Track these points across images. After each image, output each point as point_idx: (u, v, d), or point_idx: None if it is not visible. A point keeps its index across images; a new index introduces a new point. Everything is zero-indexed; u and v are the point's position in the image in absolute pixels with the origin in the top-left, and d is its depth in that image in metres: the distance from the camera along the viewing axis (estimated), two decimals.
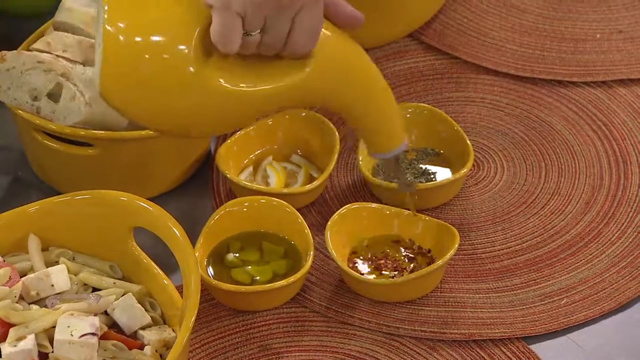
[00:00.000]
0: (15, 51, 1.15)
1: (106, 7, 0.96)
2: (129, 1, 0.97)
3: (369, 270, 1.12)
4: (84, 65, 1.14)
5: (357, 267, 1.12)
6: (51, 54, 1.15)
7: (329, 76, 1.01)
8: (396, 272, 1.11)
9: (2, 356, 0.97)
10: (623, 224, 1.16)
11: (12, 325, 0.99)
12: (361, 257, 1.13)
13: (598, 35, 1.33)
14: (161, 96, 0.97)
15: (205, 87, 0.97)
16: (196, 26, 0.96)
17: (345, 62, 1.02)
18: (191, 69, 0.96)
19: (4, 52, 1.14)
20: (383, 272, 1.11)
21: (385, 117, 1.05)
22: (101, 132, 1.12)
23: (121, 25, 0.96)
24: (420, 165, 1.20)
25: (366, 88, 1.03)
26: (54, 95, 1.13)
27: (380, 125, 1.05)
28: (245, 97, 0.98)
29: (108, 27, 0.95)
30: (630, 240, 1.14)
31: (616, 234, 1.15)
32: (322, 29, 0.99)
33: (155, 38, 0.96)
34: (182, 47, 0.96)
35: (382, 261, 1.12)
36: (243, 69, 0.98)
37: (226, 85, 0.97)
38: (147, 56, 0.95)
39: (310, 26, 0.97)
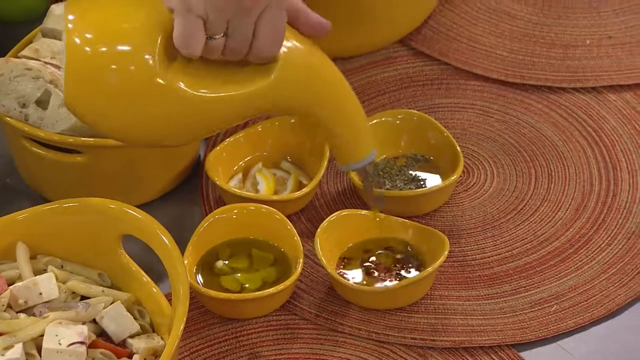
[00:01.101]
0: (3, 58, 1.14)
1: (70, 17, 0.96)
2: (93, 11, 0.97)
3: (359, 276, 1.11)
4: None
5: (346, 274, 1.11)
6: (39, 60, 1.14)
7: (295, 83, 1.01)
8: (386, 279, 1.10)
9: None
10: (613, 230, 1.15)
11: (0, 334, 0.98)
12: (351, 264, 1.12)
13: (588, 42, 1.32)
14: (125, 105, 0.97)
15: (169, 94, 0.97)
16: (160, 32, 0.96)
17: (311, 69, 1.01)
18: (155, 76, 0.96)
19: None
20: (373, 278, 1.11)
21: (351, 125, 1.05)
22: (90, 139, 1.11)
23: (84, 35, 0.96)
24: (410, 172, 1.19)
25: (332, 96, 1.03)
26: (42, 102, 1.12)
27: (347, 134, 1.05)
28: (210, 103, 0.98)
29: (72, 38, 0.95)
30: (620, 246, 1.14)
31: (606, 241, 1.15)
32: (288, 37, 0.99)
33: (118, 47, 0.96)
34: (146, 54, 0.96)
35: (373, 267, 1.11)
36: (208, 74, 0.98)
37: (190, 90, 0.97)
38: (110, 66, 0.96)
39: (274, 29, 0.97)
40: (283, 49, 0.99)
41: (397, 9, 1.29)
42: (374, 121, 1.20)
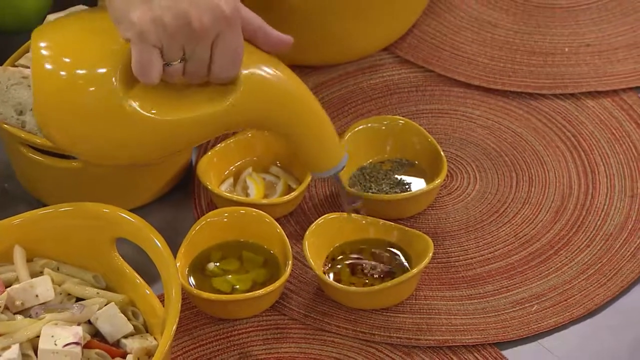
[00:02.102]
0: (0, 67, 1.13)
1: (39, 44, 0.98)
2: (59, 41, 0.98)
3: (346, 277, 1.10)
4: None
5: (334, 275, 1.10)
6: None
7: (257, 101, 1.00)
8: (372, 280, 1.10)
9: None
10: (591, 232, 1.15)
11: None
12: (338, 265, 1.11)
13: (567, 49, 1.32)
14: (91, 130, 0.99)
15: (131, 118, 0.98)
16: (120, 59, 0.97)
17: (272, 87, 1.01)
18: (116, 101, 0.97)
19: None
20: (360, 279, 1.10)
21: (318, 138, 1.04)
22: None
23: (49, 60, 0.97)
24: (396, 176, 1.19)
25: (295, 111, 1.03)
26: None
27: (315, 147, 1.05)
28: (172, 125, 0.98)
29: (37, 62, 0.97)
30: (598, 248, 1.14)
31: (585, 242, 1.14)
32: (249, 55, 0.98)
33: (81, 74, 0.97)
34: (107, 81, 0.96)
35: (359, 268, 1.11)
36: (170, 97, 0.99)
37: (151, 115, 0.98)
38: (73, 92, 0.97)
39: (230, 52, 0.97)
40: (243, 70, 0.99)
41: (382, 17, 1.29)
42: (360, 127, 1.20)
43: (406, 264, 1.11)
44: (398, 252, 1.12)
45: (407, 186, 1.18)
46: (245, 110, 1.00)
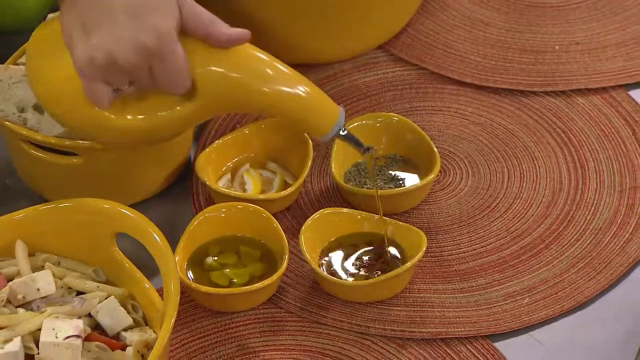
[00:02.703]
0: (2, 65, 1.13)
1: (28, 66, 1.04)
2: (45, 50, 1.02)
3: (341, 271, 1.10)
4: None
5: (329, 269, 1.10)
6: None
7: (222, 96, 1.00)
8: (367, 273, 1.10)
9: None
10: (581, 226, 1.15)
11: None
12: (333, 259, 1.11)
13: (557, 47, 1.31)
14: (82, 129, 1.04)
15: (105, 123, 1.02)
16: None
17: (233, 79, 1.00)
18: (90, 111, 1.01)
19: None
20: (355, 272, 1.10)
21: (302, 108, 1.02)
22: (85, 142, 1.10)
23: (36, 80, 1.04)
24: (390, 172, 1.18)
25: (266, 94, 1.00)
26: (39, 107, 1.11)
27: (302, 116, 1.02)
28: (148, 126, 1.01)
29: (28, 73, 1.04)
30: (588, 242, 1.13)
31: (575, 236, 1.14)
32: (201, 56, 0.98)
33: (62, 91, 1.02)
34: (80, 95, 1.00)
35: (354, 262, 1.11)
36: (140, 103, 1.01)
37: (122, 122, 1.01)
38: (59, 105, 1.03)
39: (170, 74, 0.97)
40: (198, 72, 0.98)
41: (377, 16, 1.28)
42: (355, 124, 1.19)
43: (400, 257, 1.11)
44: (392, 246, 1.12)
45: (401, 182, 1.17)
46: (212, 106, 1.01)
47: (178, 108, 1.01)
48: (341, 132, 1.04)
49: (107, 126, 1.02)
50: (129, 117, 1.01)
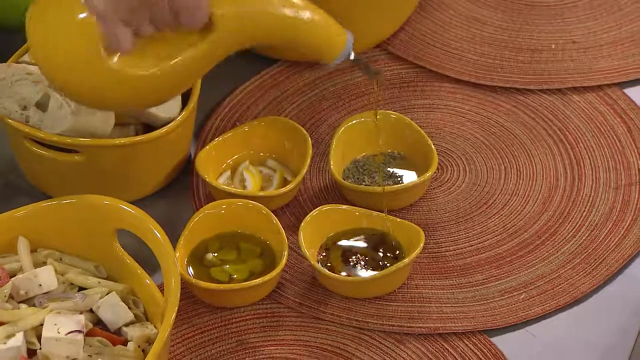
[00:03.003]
0: (5, 64, 1.13)
1: (31, 23, 0.98)
2: (48, 17, 0.98)
3: (340, 267, 1.10)
4: None
5: (328, 265, 1.10)
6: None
7: (237, 30, 1.00)
8: (365, 269, 1.09)
9: None
10: (577, 222, 1.15)
11: (2, 323, 0.97)
12: (332, 255, 1.11)
13: (553, 46, 1.31)
14: (93, 96, 0.99)
15: (125, 80, 0.98)
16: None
17: (246, 13, 1.00)
18: (107, 68, 0.97)
19: None
20: (353, 268, 1.10)
21: (312, 35, 1.03)
22: (86, 139, 1.10)
23: (41, 33, 0.98)
24: (388, 169, 1.18)
25: (280, 23, 1.02)
26: (42, 105, 1.11)
27: (313, 43, 1.04)
28: (167, 75, 0.99)
29: (32, 39, 0.98)
30: (584, 238, 1.13)
31: (571, 232, 1.14)
32: None
33: (70, 48, 0.97)
34: (93, 51, 0.96)
35: (353, 258, 1.11)
36: (155, 50, 0.98)
37: (142, 72, 0.98)
38: (66, 66, 0.97)
39: (187, 4, 0.96)
40: (217, 5, 0.98)
41: (376, 16, 1.28)
42: (354, 121, 1.19)
43: (398, 253, 1.11)
44: (390, 242, 1.11)
45: (399, 178, 1.17)
46: (228, 41, 1.00)
47: (192, 49, 0.99)
48: (350, 57, 1.05)
49: (121, 80, 0.98)
50: (145, 66, 0.98)
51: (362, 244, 1.12)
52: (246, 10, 1.00)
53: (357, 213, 1.13)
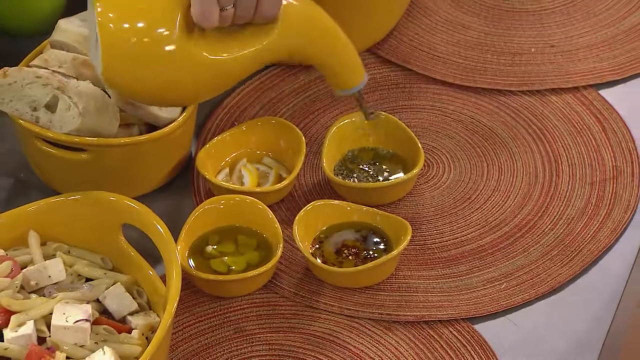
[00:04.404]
0: (16, 67, 1.12)
1: (98, 6, 0.99)
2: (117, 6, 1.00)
3: (332, 258, 1.10)
4: (77, 80, 1.12)
5: (321, 256, 1.10)
6: (48, 69, 1.12)
7: (295, 34, 1.05)
8: (356, 260, 1.09)
9: (5, 341, 0.95)
10: (555, 216, 1.15)
11: (13, 312, 0.97)
12: (325, 247, 1.11)
13: (533, 50, 1.31)
14: (157, 74, 1.01)
15: (194, 62, 1.01)
16: (179, 9, 1.00)
17: (307, 20, 1.06)
18: (180, 47, 1.00)
19: (6, 68, 1.11)
20: (344, 260, 1.10)
21: (345, 60, 1.11)
22: (93, 138, 1.10)
23: (112, 17, 0.99)
24: (377, 166, 1.18)
25: (327, 38, 1.08)
26: (51, 106, 1.11)
27: (342, 67, 1.11)
28: (229, 64, 1.03)
29: (102, 21, 0.99)
30: (561, 231, 1.13)
31: (549, 226, 1.14)
32: None
33: (141, 25, 0.99)
34: (166, 30, 0.99)
35: (344, 250, 1.10)
36: (223, 39, 1.02)
37: (212, 56, 1.01)
38: (136, 41, 0.99)
39: None
40: (285, 3, 1.03)
41: (365, 22, 1.28)
42: (345, 120, 1.19)
43: (387, 246, 1.11)
44: (379, 235, 1.11)
45: (387, 175, 1.17)
46: (285, 43, 1.05)
47: (258, 44, 1.03)
48: (359, 91, 1.14)
49: (195, 61, 1.01)
50: (215, 50, 1.02)
51: (353, 236, 1.12)
52: (306, 13, 1.06)
53: (349, 208, 1.13)
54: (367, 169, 1.18)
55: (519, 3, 1.37)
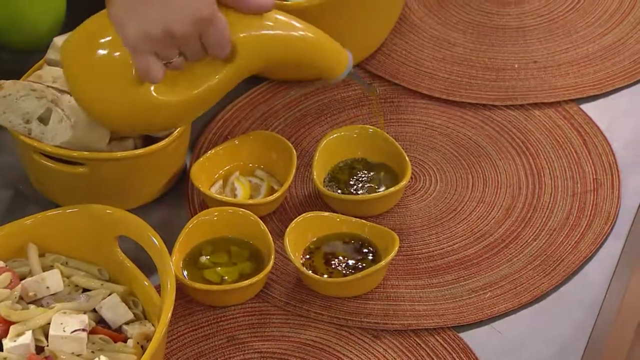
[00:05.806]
0: (11, 81, 1.12)
1: (65, 61, 1.01)
2: (81, 52, 1.00)
3: (322, 268, 1.09)
4: (70, 95, 1.11)
5: (311, 266, 1.10)
6: (42, 84, 1.12)
7: (257, 56, 1.02)
8: (345, 271, 1.09)
9: (4, 350, 0.95)
10: (538, 227, 1.14)
11: (12, 323, 0.96)
12: (315, 258, 1.11)
13: (516, 65, 1.31)
14: (122, 119, 1.02)
15: (154, 106, 0.99)
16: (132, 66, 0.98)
17: (265, 41, 1.02)
18: (135, 95, 0.98)
19: (2, 81, 1.11)
20: (334, 270, 1.09)
21: (319, 58, 1.06)
22: (90, 152, 1.09)
23: (76, 71, 1.01)
24: (366, 178, 1.18)
25: (294, 48, 1.04)
26: (43, 119, 1.10)
27: (320, 64, 1.07)
28: (192, 99, 1.01)
29: (68, 75, 1.01)
30: (544, 241, 1.13)
31: (532, 236, 1.14)
32: (237, 23, 0.99)
33: (105, 79, 0.99)
34: (125, 81, 0.98)
35: (334, 261, 1.10)
36: (183, 78, 1.00)
37: (173, 98, 0.99)
38: (99, 95, 1.00)
39: (217, 38, 0.97)
40: (240, 34, 1.00)
41: (355, 38, 1.27)
42: (334, 135, 1.19)
43: (375, 256, 1.10)
44: (368, 246, 1.11)
45: (375, 187, 1.17)
46: (248, 67, 1.02)
47: (218, 75, 1.01)
48: (350, 72, 1.09)
49: (155, 107, 1.00)
50: (176, 92, 1.00)
51: (342, 247, 1.11)
52: (262, 36, 1.02)
53: (338, 219, 1.12)
54: (355, 182, 1.17)
55: (502, 20, 1.36)
